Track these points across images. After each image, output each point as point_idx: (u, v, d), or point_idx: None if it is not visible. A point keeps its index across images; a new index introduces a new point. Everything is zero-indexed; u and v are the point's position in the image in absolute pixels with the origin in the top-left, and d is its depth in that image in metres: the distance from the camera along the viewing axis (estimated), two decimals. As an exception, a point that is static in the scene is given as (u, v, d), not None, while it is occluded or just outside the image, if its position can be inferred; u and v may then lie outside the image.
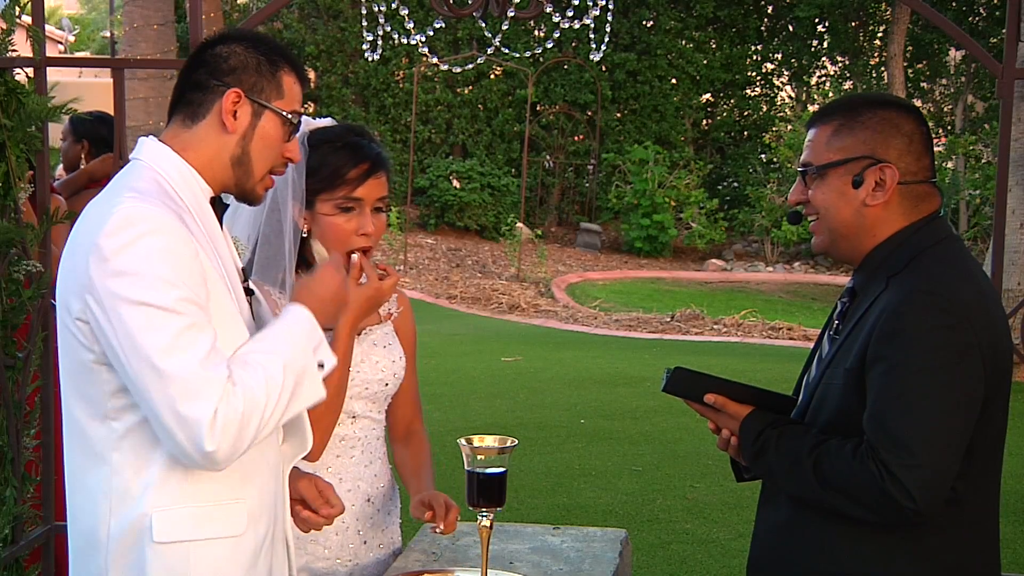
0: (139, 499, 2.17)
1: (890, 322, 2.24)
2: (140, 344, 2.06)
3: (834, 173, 2.38)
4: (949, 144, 19.23)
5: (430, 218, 19.52)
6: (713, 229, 19.73)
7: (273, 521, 2.33)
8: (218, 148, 2.27)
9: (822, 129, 2.42)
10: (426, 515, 2.71)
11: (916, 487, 2.16)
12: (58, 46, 26.47)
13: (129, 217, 2.11)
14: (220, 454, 2.08)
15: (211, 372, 2.07)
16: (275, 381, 2.13)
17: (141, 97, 13.26)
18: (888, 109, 2.41)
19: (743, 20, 22.96)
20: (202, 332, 2.10)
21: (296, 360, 2.18)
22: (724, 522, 6.27)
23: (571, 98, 21.52)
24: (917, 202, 2.39)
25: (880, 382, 2.23)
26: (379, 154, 2.69)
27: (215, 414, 2.05)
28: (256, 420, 2.11)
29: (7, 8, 3.42)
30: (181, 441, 2.07)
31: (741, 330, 13.08)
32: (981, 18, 21.86)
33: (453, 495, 2.78)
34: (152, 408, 2.08)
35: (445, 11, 3.79)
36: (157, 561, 2.17)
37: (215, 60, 2.28)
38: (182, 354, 2.06)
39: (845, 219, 2.39)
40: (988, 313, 2.28)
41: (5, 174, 3.39)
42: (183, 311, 2.08)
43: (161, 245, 2.09)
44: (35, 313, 3.51)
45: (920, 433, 2.17)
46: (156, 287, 2.07)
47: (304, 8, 21.35)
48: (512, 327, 13.25)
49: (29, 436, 3.53)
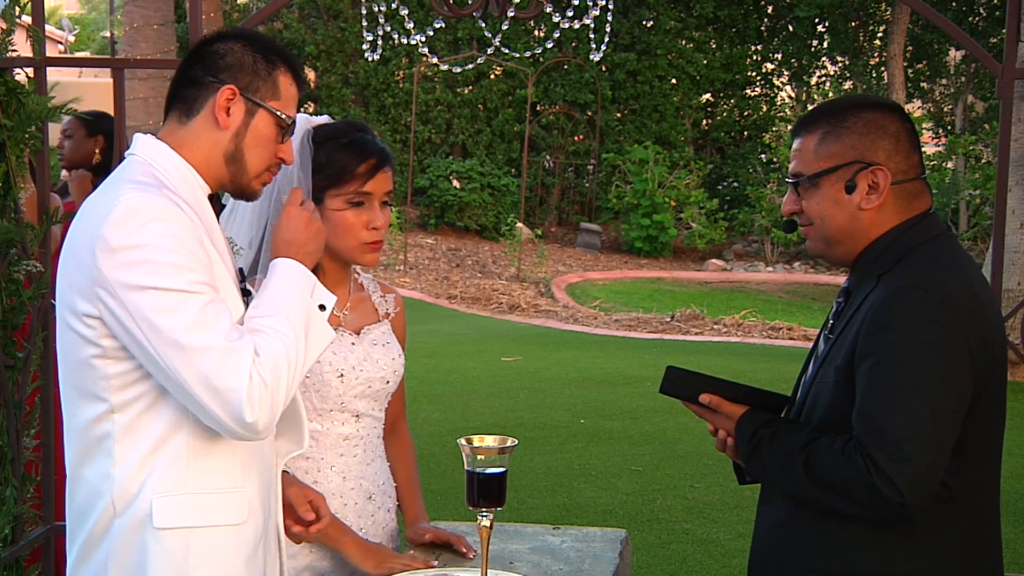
0: (141, 488, 2.18)
1: (877, 318, 2.24)
2: (162, 327, 2.07)
3: (826, 181, 2.38)
4: (949, 144, 19.24)
5: (430, 218, 19.53)
6: (713, 229, 19.73)
7: (267, 514, 2.35)
8: (212, 144, 2.28)
9: (808, 138, 2.42)
10: (426, 537, 2.87)
11: (904, 481, 2.16)
12: (58, 46, 26.46)
13: (132, 207, 2.12)
14: (260, 423, 2.12)
15: (238, 344, 2.10)
16: (288, 339, 2.17)
17: (141, 97, 13.26)
18: (872, 111, 2.41)
19: (743, 20, 22.96)
20: (220, 309, 2.13)
21: (298, 312, 2.22)
22: (724, 522, 6.27)
23: (571, 98, 21.52)
24: (910, 200, 2.39)
25: (867, 377, 2.23)
26: (383, 149, 2.72)
27: (250, 383, 2.08)
28: (284, 383, 2.14)
29: (7, 8, 3.42)
30: (220, 416, 2.10)
31: (741, 330, 13.09)
32: (981, 18, 21.87)
33: (453, 495, 2.80)
34: (184, 388, 2.09)
35: (445, 11, 3.79)
36: (157, 548, 2.18)
37: (211, 57, 2.28)
38: (207, 330, 2.09)
39: (841, 225, 2.39)
40: (977, 307, 2.27)
41: (5, 174, 3.39)
42: (199, 291, 2.10)
43: (167, 231, 2.11)
44: (35, 313, 3.51)
45: (907, 428, 2.17)
46: (168, 271, 2.09)
47: (304, 8, 21.36)
48: (512, 327, 13.25)
49: (29, 436, 3.53)
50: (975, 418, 2.26)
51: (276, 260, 2.30)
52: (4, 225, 3.37)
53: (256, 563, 2.30)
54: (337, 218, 2.68)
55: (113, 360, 2.15)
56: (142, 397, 2.17)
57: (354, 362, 2.75)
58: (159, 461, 2.18)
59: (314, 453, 2.73)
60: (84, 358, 2.17)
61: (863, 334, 2.26)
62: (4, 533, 3.40)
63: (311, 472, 2.74)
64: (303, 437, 2.42)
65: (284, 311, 2.19)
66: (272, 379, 2.12)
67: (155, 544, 2.18)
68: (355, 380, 2.74)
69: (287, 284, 2.25)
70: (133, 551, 2.19)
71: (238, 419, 2.09)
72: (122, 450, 2.18)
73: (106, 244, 2.09)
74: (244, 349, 2.10)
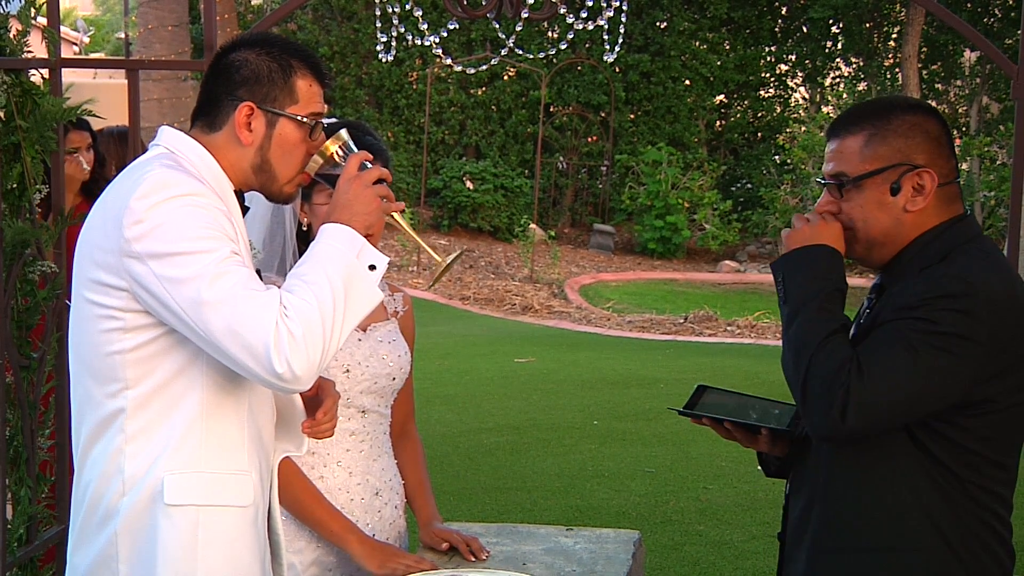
0: (152, 464, 2.21)
1: (911, 299, 2.26)
2: (186, 287, 2.10)
3: (871, 183, 2.37)
4: (964, 146, 19.16)
5: (443, 219, 19.53)
6: (726, 230, 19.69)
7: (265, 501, 2.38)
8: (237, 157, 2.32)
9: (852, 138, 2.40)
10: (443, 546, 2.87)
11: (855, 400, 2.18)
12: (73, 47, 26.54)
13: (160, 181, 2.16)
14: (295, 373, 2.10)
15: (261, 294, 2.11)
16: (324, 295, 2.14)
17: (155, 98, 13.29)
18: (915, 113, 2.41)
19: (757, 21, 22.91)
20: (239, 263, 2.14)
21: (337, 270, 2.18)
22: (737, 524, 6.26)
23: (584, 99, 21.50)
24: (949, 203, 2.40)
25: (880, 331, 2.26)
26: (373, 145, 2.72)
27: (276, 333, 2.08)
28: (319, 337, 2.12)
29: (23, 9, 3.43)
30: (251, 365, 2.11)
31: (755, 332, 13.07)
32: (996, 19, 21.78)
33: (466, 496, 2.82)
34: (215, 343, 2.11)
35: (459, 12, 3.79)
36: (167, 524, 2.21)
37: (228, 71, 2.31)
38: (225, 280, 2.10)
39: (885, 228, 2.38)
40: (1016, 309, 2.27)
41: (20, 175, 3.40)
42: (218, 248, 2.12)
43: (193, 203, 2.15)
44: (50, 314, 3.52)
45: (886, 377, 2.20)
46: (192, 236, 2.12)
47: (318, 9, 21.38)
48: (525, 328, 13.25)
49: (43, 436, 3.54)
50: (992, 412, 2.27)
51: (325, 224, 2.27)
52: (19, 226, 3.38)
53: (259, 546, 2.34)
54: (323, 214, 2.68)
55: (132, 334, 2.18)
56: (156, 373, 2.20)
57: (360, 358, 2.77)
58: (171, 439, 2.21)
59: (319, 448, 2.75)
60: (100, 333, 2.19)
61: (891, 307, 2.28)
62: (19, 533, 3.41)
63: (316, 467, 2.76)
64: (302, 441, 2.44)
65: (323, 269, 2.18)
66: (302, 332, 2.10)
67: (165, 520, 2.20)
68: (361, 376, 2.77)
69: (330, 244, 2.22)
70: (143, 527, 2.21)
71: (268, 368, 2.09)
72: (134, 427, 2.21)
73: (133, 214, 2.13)
74: (268, 299, 2.11)
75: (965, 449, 2.29)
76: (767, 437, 2.56)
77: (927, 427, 2.28)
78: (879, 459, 2.32)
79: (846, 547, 2.36)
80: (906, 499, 2.31)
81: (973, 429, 2.28)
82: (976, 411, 2.27)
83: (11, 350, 3.36)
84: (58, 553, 3.64)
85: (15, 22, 3.43)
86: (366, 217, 2.26)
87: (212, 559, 2.24)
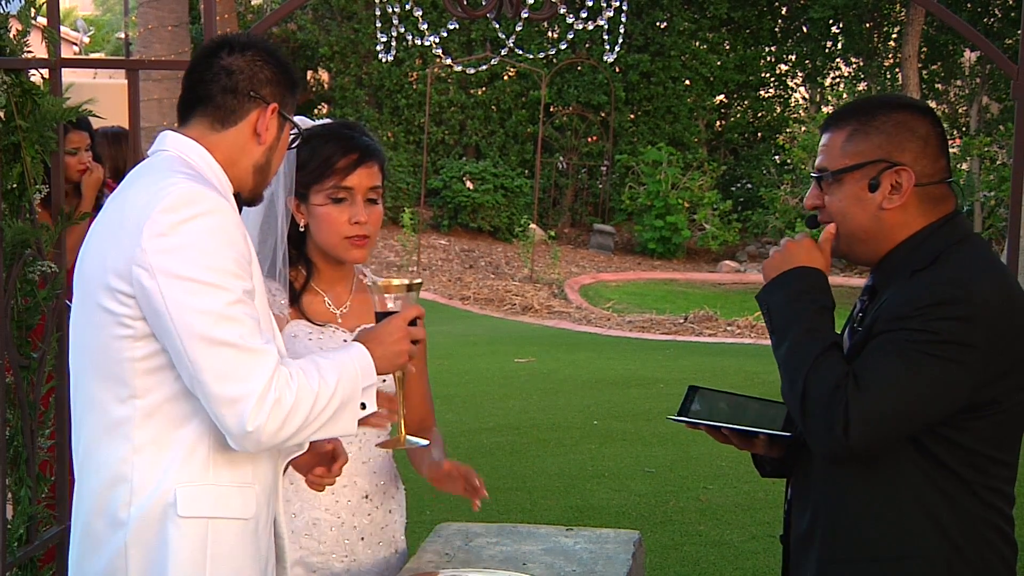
0: (163, 476, 2.21)
1: (905, 307, 2.25)
2: (191, 318, 2.10)
3: (850, 178, 2.38)
4: (964, 146, 19.15)
5: (443, 219, 19.53)
6: (726, 230, 19.69)
7: (269, 511, 2.39)
8: (245, 155, 2.34)
9: (836, 133, 2.42)
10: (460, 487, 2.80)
11: (857, 416, 2.18)
12: (73, 47, 26.54)
13: (187, 195, 2.17)
14: (262, 437, 2.13)
15: (261, 348, 2.13)
16: (325, 392, 2.19)
17: (155, 98, 13.30)
18: (903, 111, 2.41)
19: (757, 21, 22.91)
20: (249, 311, 2.16)
21: (347, 386, 2.24)
22: (737, 524, 6.25)
23: (584, 99, 21.50)
24: (935, 204, 2.39)
25: (875, 343, 2.25)
26: (369, 145, 2.73)
27: (264, 392, 2.11)
28: (301, 417, 2.16)
29: (23, 9, 3.43)
30: (223, 412, 2.12)
31: (755, 332, 13.06)
32: (996, 19, 21.77)
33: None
34: (200, 379, 2.12)
35: (459, 12, 3.79)
36: (179, 535, 2.21)
37: (250, 69, 2.33)
38: (232, 326, 2.12)
39: (862, 223, 2.39)
40: (1013, 310, 2.27)
41: (20, 175, 3.40)
42: (232, 289, 2.13)
43: (217, 225, 2.16)
44: (50, 314, 3.52)
45: (886, 390, 2.19)
46: (209, 265, 2.12)
47: (318, 9, 21.37)
48: (525, 328, 13.25)
49: (43, 436, 3.54)
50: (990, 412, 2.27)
51: (357, 343, 2.33)
52: (19, 226, 3.37)
53: (260, 557, 2.35)
54: (320, 214, 2.70)
55: (142, 343, 2.18)
56: (165, 384, 2.20)
57: None
58: (180, 451, 2.21)
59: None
60: (111, 339, 2.19)
61: (885, 318, 2.27)
62: (19, 533, 3.41)
63: None
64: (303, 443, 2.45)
65: (337, 376, 2.22)
66: (291, 404, 2.14)
67: (176, 531, 2.21)
68: None
69: (354, 364, 2.27)
70: (154, 538, 2.22)
71: (240, 418, 2.11)
72: (143, 437, 2.21)
73: (156, 226, 2.13)
74: (266, 358, 2.13)
75: (971, 451, 2.28)
76: (764, 440, 2.56)
77: (932, 432, 2.27)
78: (883, 466, 2.31)
79: (855, 558, 2.35)
80: (912, 506, 2.30)
81: (980, 430, 2.27)
82: (983, 413, 2.26)
83: (11, 350, 3.36)
84: (58, 553, 3.64)
85: (15, 22, 3.43)
86: (391, 360, 2.34)
87: (220, 570, 2.25)
